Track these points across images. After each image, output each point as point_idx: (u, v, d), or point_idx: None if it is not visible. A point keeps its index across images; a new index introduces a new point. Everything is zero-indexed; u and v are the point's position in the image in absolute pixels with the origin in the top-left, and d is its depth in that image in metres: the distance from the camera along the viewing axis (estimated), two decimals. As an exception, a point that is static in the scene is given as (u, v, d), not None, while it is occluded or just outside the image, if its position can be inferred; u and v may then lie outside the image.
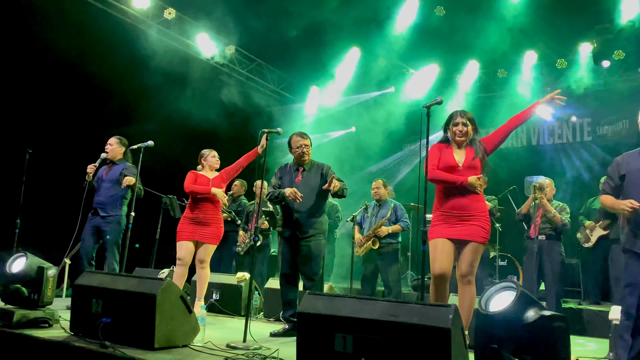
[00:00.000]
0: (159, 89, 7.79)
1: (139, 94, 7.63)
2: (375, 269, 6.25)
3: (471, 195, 3.65)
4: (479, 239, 3.58)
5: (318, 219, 4.58)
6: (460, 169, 3.70)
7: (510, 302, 2.50)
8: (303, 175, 4.60)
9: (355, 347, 2.60)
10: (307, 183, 4.56)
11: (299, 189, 4.44)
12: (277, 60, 10.29)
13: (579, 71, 9.08)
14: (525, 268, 5.69)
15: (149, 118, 7.63)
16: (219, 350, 3.46)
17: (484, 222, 3.62)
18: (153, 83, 7.62)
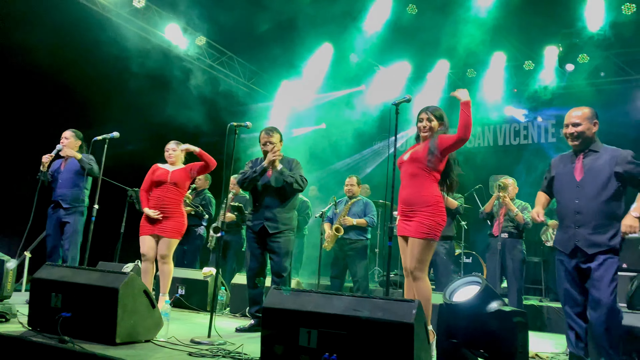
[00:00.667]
0: (126, 80, 7.62)
1: (105, 85, 7.44)
2: (344, 265, 6.27)
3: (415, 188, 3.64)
4: (417, 235, 3.56)
5: (287, 214, 4.58)
6: (405, 161, 3.77)
7: (474, 295, 2.55)
8: (273, 171, 4.58)
9: (319, 341, 2.61)
10: (277, 179, 4.55)
11: (269, 185, 4.48)
12: (248, 53, 10.20)
13: (545, 73, 9.29)
14: (488, 265, 5.81)
15: (115, 109, 7.47)
16: (183, 345, 3.42)
17: (424, 217, 3.56)
18: (119, 74, 7.45)
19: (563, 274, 3.40)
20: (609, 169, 3.30)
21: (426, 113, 3.87)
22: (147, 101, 7.88)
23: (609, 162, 3.32)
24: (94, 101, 7.43)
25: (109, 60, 7.44)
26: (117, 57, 7.50)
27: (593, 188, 3.31)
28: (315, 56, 10.25)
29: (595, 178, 3.32)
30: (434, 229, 3.54)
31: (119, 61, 7.53)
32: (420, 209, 3.59)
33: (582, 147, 3.43)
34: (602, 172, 3.30)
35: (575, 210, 3.35)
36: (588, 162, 3.40)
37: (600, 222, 3.27)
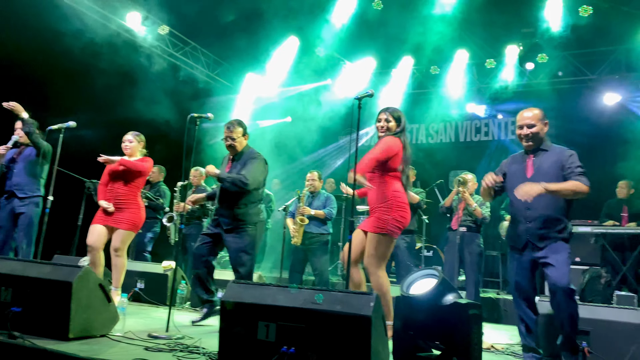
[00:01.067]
0: (85, 69, 7.38)
1: (63, 74, 7.18)
2: (304, 258, 6.27)
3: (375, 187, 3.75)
4: (372, 229, 3.65)
5: (245, 210, 4.49)
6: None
7: (432, 288, 2.58)
8: (232, 165, 4.55)
9: (278, 335, 2.61)
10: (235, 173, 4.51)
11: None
12: (213, 44, 10.05)
13: (506, 72, 9.50)
14: (447, 258, 5.92)
15: (75, 99, 7.22)
16: (139, 340, 3.36)
17: (381, 213, 3.66)
18: (79, 63, 7.21)
19: (515, 268, 3.50)
20: (556, 167, 3.41)
21: (385, 113, 3.94)
22: (108, 91, 7.66)
23: (557, 160, 3.44)
24: (52, 90, 7.17)
25: (69, 48, 7.17)
26: (76, 46, 7.25)
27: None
28: (281, 49, 10.19)
29: (545, 175, 3.40)
30: (389, 224, 3.60)
31: (78, 50, 7.28)
32: (379, 205, 3.70)
33: (535, 147, 3.53)
34: (551, 170, 3.41)
35: (526, 207, 3.43)
36: (538, 161, 3.50)
37: (549, 217, 3.38)
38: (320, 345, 2.53)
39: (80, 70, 7.37)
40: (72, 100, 7.23)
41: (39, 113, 5.76)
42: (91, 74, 7.46)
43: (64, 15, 7.31)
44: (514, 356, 4.12)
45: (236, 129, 4.53)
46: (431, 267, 7.72)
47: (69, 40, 7.16)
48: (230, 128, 4.51)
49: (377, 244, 3.60)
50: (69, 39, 7.15)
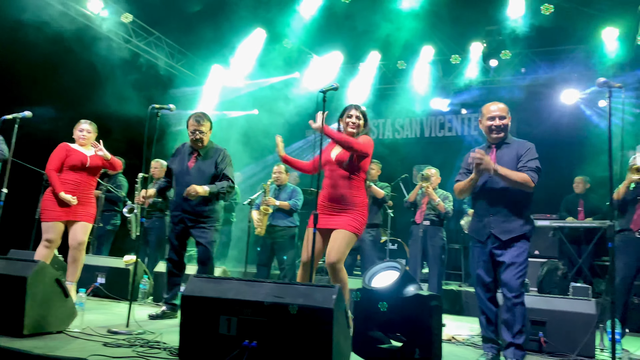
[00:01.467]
0: (43, 58, 7.12)
1: (19, 63, 6.92)
2: (271, 252, 6.26)
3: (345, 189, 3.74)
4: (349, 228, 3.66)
5: (209, 207, 4.46)
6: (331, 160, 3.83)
7: (394, 281, 2.60)
8: (197, 160, 4.47)
9: (239, 329, 2.59)
10: (200, 169, 4.45)
11: (193, 176, 4.38)
12: (178, 35, 9.85)
13: (470, 68, 9.65)
14: (410, 251, 6.00)
15: (33, 89, 6.98)
16: (98, 336, 3.28)
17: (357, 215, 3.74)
18: (37, 51, 6.95)
19: (477, 260, 3.53)
20: (516, 159, 3.44)
21: (357, 110, 3.92)
22: (68, 80, 7.42)
23: (516, 153, 3.47)
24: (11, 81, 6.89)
25: (27, 36, 6.91)
26: (35, 34, 6.98)
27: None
28: (247, 40, 10.08)
29: (507, 166, 3.41)
30: (358, 223, 3.70)
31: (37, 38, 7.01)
32: (353, 208, 3.72)
33: (501, 140, 3.55)
34: (512, 162, 3.44)
35: (489, 200, 3.48)
36: (500, 154, 3.53)
37: (511, 210, 3.41)
38: (283, 338, 2.53)
39: (40, 61, 7.10)
40: (31, 90, 6.99)
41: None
42: (50, 64, 7.21)
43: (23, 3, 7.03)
44: (474, 347, 4.21)
45: (205, 122, 4.48)
46: (394, 259, 7.87)
47: (28, 29, 6.89)
48: (200, 122, 4.45)
49: (348, 242, 3.64)
50: (28, 27, 6.89)
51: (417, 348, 2.57)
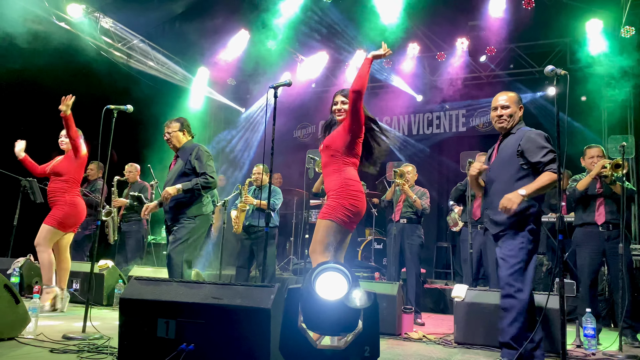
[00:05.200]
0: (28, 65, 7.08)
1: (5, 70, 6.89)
2: (250, 253, 6.19)
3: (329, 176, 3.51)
4: (320, 215, 3.47)
5: (183, 203, 4.35)
6: (321, 150, 3.62)
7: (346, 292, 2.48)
8: (176, 161, 4.49)
9: (177, 332, 2.52)
10: (175, 168, 4.45)
11: (169, 177, 4.42)
12: (162, 39, 9.81)
13: (456, 64, 9.57)
14: (388, 250, 5.91)
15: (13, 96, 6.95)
16: (50, 342, 3.23)
17: (330, 200, 3.45)
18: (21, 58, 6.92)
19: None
20: (512, 149, 3.27)
21: (340, 95, 3.64)
22: (52, 87, 7.37)
23: (515, 141, 3.29)
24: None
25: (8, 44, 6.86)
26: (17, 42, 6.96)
27: (499, 168, 3.33)
28: (231, 42, 10.05)
29: (502, 159, 3.31)
30: (335, 211, 3.37)
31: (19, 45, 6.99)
32: (331, 193, 3.49)
33: (507, 130, 3.40)
34: (507, 152, 3.30)
35: (486, 193, 3.40)
36: (502, 145, 3.40)
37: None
38: (221, 339, 2.46)
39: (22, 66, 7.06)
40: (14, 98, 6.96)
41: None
42: (32, 69, 7.16)
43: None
44: (444, 345, 4.15)
45: (172, 124, 4.53)
46: (382, 260, 7.80)
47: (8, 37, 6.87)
48: (167, 124, 4.54)
49: (320, 229, 3.37)
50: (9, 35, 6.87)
51: (368, 346, 2.49)
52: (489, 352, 3.96)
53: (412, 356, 3.62)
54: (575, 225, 4.88)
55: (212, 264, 7.72)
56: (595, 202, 4.72)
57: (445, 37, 9.56)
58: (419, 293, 5.67)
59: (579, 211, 4.85)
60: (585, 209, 4.77)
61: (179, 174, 4.39)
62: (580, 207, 4.83)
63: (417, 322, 5.32)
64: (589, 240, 4.70)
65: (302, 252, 8.22)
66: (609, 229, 4.63)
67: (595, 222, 4.68)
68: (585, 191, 4.74)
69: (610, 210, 4.65)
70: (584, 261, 4.71)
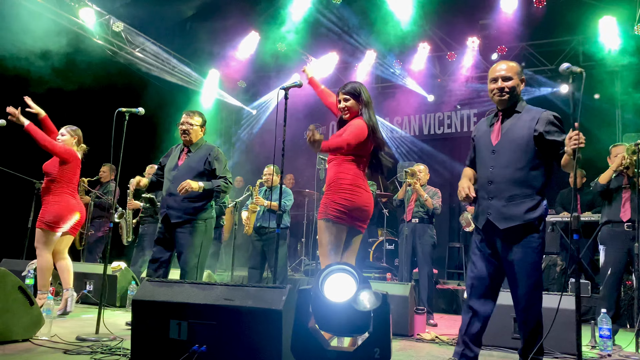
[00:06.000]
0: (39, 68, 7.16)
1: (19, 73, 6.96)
2: (262, 255, 6.19)
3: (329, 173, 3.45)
4: (318, 216, 3.37)
5: (197, 204, 4.29)
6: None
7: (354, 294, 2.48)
8: (187, 156, 4.34)
9: (189, 333, 2.53)
10: (189, 166, 4.30)
11: (180, 172, 4.24)
12: (173, 40, 9.87)
13: (467, 63, 9.52)
14: (400, 250, 5.88)
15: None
16: (64, 344, 3.25)
17: (324, 198, 3.39)
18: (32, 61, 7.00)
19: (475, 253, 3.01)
20: (527, 131, 2.84)
21: (341, 93, 3.55)
22: (64, 90, 7.45)
23: (529, 123, 2.85)
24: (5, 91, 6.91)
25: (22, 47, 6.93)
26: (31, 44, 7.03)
27: (509, 153, 2.86)
28: (242, 44, 10.09)
29: (512, 142, 2.87)
30: (328, 208, 3.28)
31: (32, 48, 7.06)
32: (325, 190, 3.43)
33: (507, 106, 2.96)
34: (520, 135, 2.84)
35: (489, 180, 2.91)
36: (507, 124, 2.93)
37: (515, 193, 2.82)
38: (232, 341, 2.47)
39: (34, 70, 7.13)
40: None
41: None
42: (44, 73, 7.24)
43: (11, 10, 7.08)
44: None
45: (195, 116, 4.38)
46: (393, 261, 7.77)
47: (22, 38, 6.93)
48: (190, 114, 4.36)
49: (319, 231, 3.29)
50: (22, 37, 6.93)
51: (378, 348, 2.48)
52: (502, 353, 3.93)
53: (425, 357, 3.60)
54: (601, 223, 4.76)
55: (224, 265, 7.75)
56: (621, 198, 4.58)
57: (456, 37, 9.51)
58: (431, 294, 5.63)
59: (604, 208, 4.73)
60: (610, 205, 4.63)
61: (195, 172, 4.27)
62: (606, 203, 4.69)
63: (429, 323, 5.29)
64: (613, 239, 4.55)
65: (314, 253, 8.22)
66: (634, 228, 4.42)
67: (621, 220, 4.52)
68: (608, 185, 4.62)
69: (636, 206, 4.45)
70: (609, 261, 4.60)
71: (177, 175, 4.24)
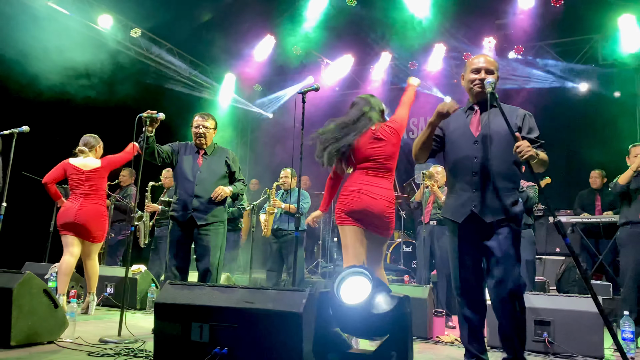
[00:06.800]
0: (57, 73, 7.29)
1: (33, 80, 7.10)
2: (280, 257, 6.22)
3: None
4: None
5: (220, 206, 4.37)
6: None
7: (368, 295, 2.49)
8: (205, 158, 4.38)
9: (211, 336, 2.55)
10: (210, 167, 4.35)
11: (202, 173, 4.29)
12: (189, 45, 9.97)
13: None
14: (418, 252, 5.86)
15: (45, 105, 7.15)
16: (87, 346, 3.31)
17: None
18: (49, 68, 7.13)
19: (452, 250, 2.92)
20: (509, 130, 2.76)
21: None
22: (82, 95, 7.58)
23: (509, 117, 2.77)
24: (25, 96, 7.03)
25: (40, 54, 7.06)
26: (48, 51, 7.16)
27: (492, 144, 2.82)
28: (258, 48, 10.15)
29: (496, 133, 2.82)
30: (336, 214, 3.58)
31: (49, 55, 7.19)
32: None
33: (484, 99, 2.86)
34: (503, 127, 2.75)
35: (473, 171, 2.83)
36: (486, 117, 2.86)
37: (501, 186, 2.78)
38: (253, 343, 2.48)
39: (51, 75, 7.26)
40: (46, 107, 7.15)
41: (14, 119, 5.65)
42: (63, 77, 7.36)
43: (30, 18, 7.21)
44: (476, 349, 4.08)
45: (209, 119, 4.43)
46: (410, 263, 7.73)
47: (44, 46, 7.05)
48: (204, 117, 4.41)
49: (342, 234, 3.54)
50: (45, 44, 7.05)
51: (395, 352, 2.49)
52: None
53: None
54: (620, 224, 4.69)
55: (242, 268, 7.79)
56: (636, 196, 4.52)
57: (472, 37, 9.45)
58: (449, 296, 5.60)
59: (624, 209, 4.66)
60: (630, 206, 4.55)
61: (219, 175, 4.36)
62: (625, 204, 4.61)
63: (448, 325, 5.26)
64: (633, 240, 4.49)
65: (331, 256, 8.23)
66: None
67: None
68: (628, 185, 4.54)
69: None
70: (628, 262, 4.53)
71: (202, 178, 4.29)
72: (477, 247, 2.85)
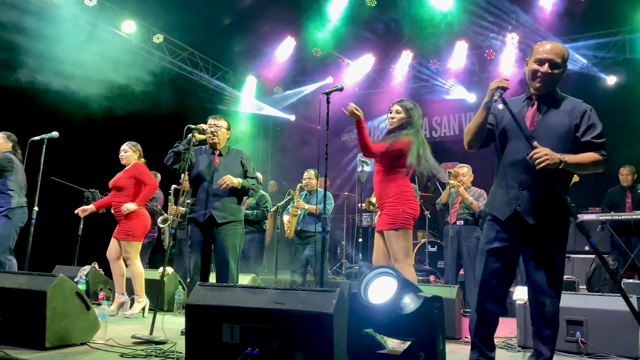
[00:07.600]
0: (81, 76, 7.41)
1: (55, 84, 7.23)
2: (305, 258, 6.23)
3: (381, 184, 3.77)
4: (385, 227, 3.73)
5: (236, 206, 4.42)
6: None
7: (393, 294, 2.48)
8: (220, 159, 4.45)
9: (242, 337, 2.56)
10: (227, 167, 4.41)
11: (219, 173, 4.31)
12: (211, 49, 10.06)
13: (506, 60, 9.33)
14: (445, 252, 5.81)
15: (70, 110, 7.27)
16: (119, 347, 3.35)
17: (388, 208, 3.71)
18: (73, 73, 7.26)
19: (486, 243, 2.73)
20: (568, 122, 2.63)
21: (395, 105, 3.93)
22: (108, 102, 7.69)
23: (570, 113, 2.63)
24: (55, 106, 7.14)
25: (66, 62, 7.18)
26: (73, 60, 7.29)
27: (547, 141, 2.57)
28: (278, 50, 10.19)
29: (552, 129, 2.63)
30: (399, 218, 3.66)
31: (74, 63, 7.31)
32: (385, 201, 3.73)
33: (545, 92, 2.69)
34: (561, 124, 2.62)
35: (523, 168, 2.64)
36: (544, 111, 2.69)
37: (550, 186, 2.54)
38: (284, 344, 2.49)
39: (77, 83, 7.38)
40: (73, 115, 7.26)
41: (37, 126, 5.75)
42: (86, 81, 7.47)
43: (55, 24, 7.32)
44: (507, 349, 4.03)
45: (222, 119, 4.52)
46: (436, 263, 7.66)
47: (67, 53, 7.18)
48: (216, 117, 4.50)
49: (394, 239, 3.66)
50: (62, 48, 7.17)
51: (423, 352, 2.47)
52: (555, 357, 3.81)
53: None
54: None
55: (266, 269, 7.82)
56: None
57: (495, 34, 9.33)
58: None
59: None
60: None
61: (237, 174, 4.39)
62: None
63: (476, 325, 5.20)
64: None
65: (354, 256, 8.21)
66: None
67: None
68: None
69: None
70: None
71: (219, 177, 4.30)
72: (515, 248, 2.68)
